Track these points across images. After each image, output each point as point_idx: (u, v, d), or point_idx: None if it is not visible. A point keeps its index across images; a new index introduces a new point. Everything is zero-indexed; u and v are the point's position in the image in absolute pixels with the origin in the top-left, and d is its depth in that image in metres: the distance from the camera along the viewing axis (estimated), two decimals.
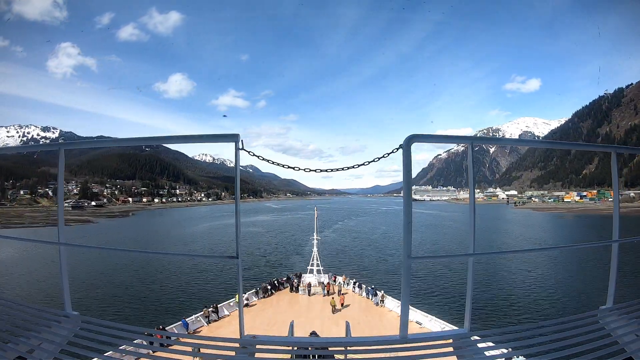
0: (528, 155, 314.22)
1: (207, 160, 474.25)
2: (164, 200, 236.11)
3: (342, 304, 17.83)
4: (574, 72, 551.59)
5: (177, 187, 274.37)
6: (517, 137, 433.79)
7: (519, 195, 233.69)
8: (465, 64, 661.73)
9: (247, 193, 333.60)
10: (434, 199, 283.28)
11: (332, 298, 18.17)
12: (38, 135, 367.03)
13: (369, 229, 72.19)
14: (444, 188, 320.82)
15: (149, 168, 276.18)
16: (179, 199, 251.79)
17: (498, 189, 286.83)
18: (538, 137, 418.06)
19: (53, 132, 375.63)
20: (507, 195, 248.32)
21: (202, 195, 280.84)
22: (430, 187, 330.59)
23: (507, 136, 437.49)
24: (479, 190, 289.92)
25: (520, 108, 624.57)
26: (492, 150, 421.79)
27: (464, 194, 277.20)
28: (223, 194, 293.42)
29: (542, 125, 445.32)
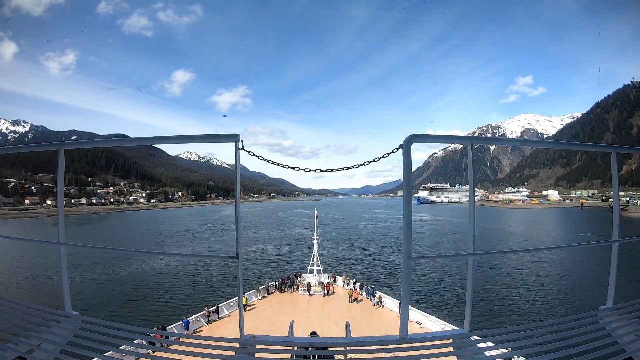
0: (540, 152, 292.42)
1: (191, 158, 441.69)
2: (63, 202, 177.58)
3: (356, 299, 18.71)
4: (578, 73, 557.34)
5: (122, 184, 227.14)
6: (518, 134, 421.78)
7: (586, 197, 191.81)
8: (471, 64, 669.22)
9: (216, 192, 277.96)
10: (452, 200, 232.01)
11: (351, 289, 19.67)
12: (7, 129, 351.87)
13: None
14: (463, 187, 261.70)
15: (90, 160, 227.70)
16: (95, 200, 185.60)
17: (522, 188, 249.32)
18: (541, 134, 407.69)
19: (23, 126, 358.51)
20: (561, 197, 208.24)
21: (143, 194, 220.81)
22: (447, 186, 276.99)
23: (507, 133, 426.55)
24: (484, 191, 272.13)
25: (521, 110, 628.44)
26: (492, 148, 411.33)
27: (502, 195, 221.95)
28: (179, 194, 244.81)
29: (544, 123, 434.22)
